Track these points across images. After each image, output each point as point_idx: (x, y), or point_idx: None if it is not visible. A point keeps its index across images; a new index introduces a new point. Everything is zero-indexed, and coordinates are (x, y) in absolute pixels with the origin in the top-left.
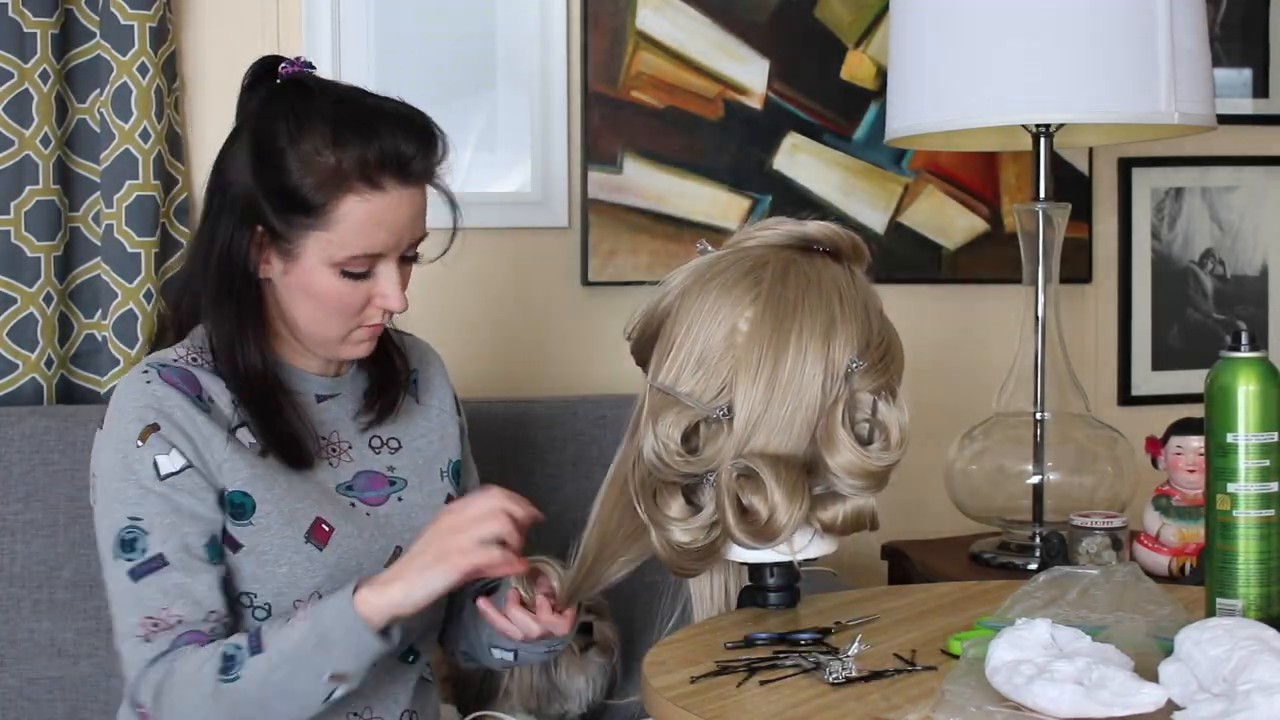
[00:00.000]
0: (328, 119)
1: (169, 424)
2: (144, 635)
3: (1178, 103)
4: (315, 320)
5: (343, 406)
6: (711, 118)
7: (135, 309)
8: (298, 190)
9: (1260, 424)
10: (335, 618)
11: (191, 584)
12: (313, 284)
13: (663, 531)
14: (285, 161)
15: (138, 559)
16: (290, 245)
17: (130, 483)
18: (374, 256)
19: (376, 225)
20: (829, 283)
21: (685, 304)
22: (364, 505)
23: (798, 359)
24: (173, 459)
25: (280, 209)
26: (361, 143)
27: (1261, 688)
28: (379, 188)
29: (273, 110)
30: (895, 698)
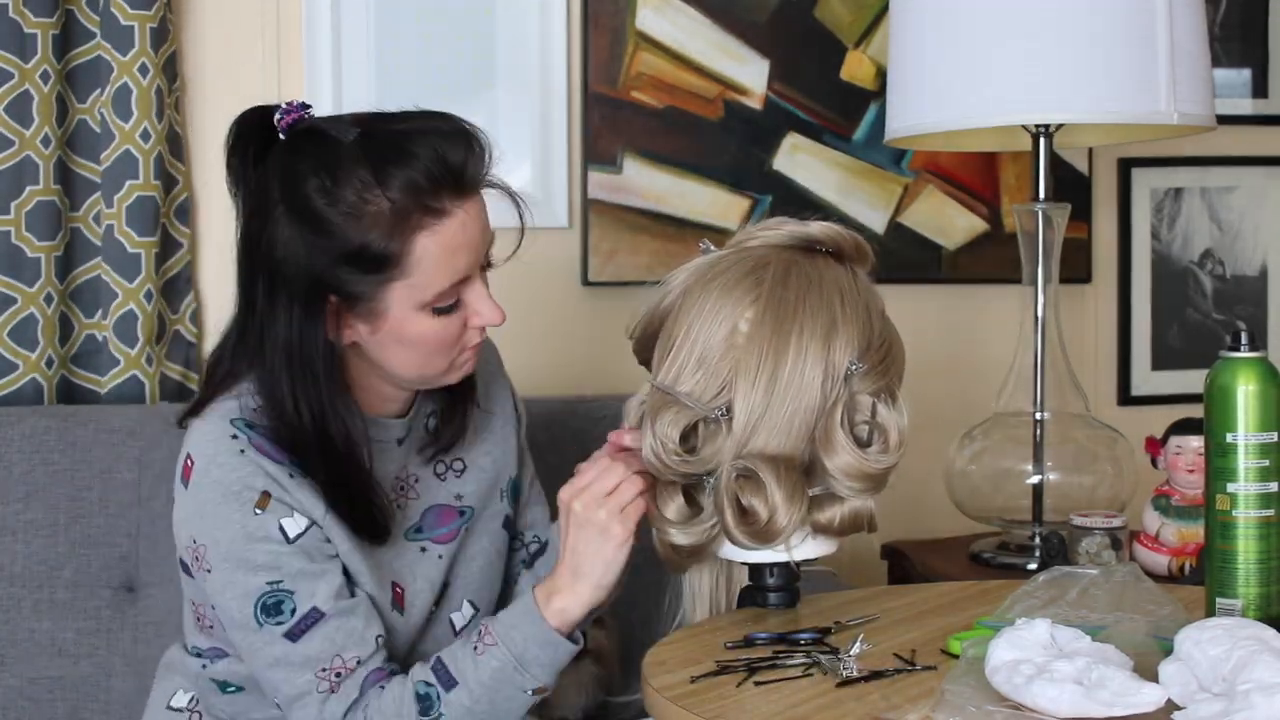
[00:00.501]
0: (358, 159)
1: (279, 489)
2: (328, 689)
3: (1177, 103)
4: (416, 364)
5: (410, 444)
6: (711, 118)
7: (136, 309)
8: (365, 249)
9: (1260, 424)
10: (531, 637)
11: (352, 622)
12: (407, 333)
13: (661, 533)
14: (336, 225)
15: (289, 620)
16: (373, 304)
17: (258, 549)
18: (460, 283)
19: (454, 252)
20: (830, 284)
21: (686, 304)
22: (435, 546)
23: (798, 360)
24: (297, 521)
25: (351, 273)
26: (403, 169)
27: (1261, 687)
28: (443, 214)
29: (295, 170)
30: (895, 698)
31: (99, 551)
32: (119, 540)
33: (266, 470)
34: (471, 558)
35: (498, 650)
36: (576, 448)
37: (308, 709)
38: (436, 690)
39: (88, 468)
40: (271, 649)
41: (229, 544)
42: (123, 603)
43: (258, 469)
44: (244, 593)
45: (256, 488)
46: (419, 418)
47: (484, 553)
